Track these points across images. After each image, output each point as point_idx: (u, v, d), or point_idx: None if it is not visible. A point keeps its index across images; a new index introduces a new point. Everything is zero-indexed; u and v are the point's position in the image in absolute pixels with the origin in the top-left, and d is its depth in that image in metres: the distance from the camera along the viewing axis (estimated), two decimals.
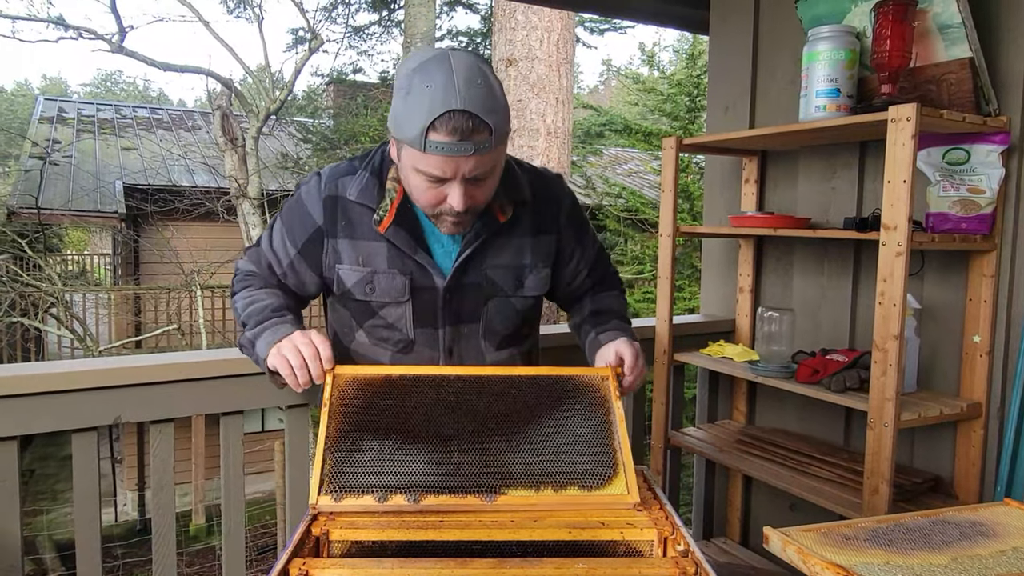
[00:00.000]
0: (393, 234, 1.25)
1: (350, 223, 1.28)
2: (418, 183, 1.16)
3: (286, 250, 1.34)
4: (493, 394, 1.16)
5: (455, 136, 1.06)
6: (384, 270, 1.27)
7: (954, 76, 1.67)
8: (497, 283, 1.32)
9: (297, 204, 1.32)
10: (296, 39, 11.13)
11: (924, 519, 1.10)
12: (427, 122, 1.06)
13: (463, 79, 1.06)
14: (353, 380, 1.17)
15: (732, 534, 2.44)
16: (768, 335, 1.96)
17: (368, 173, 1.28)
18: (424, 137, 1.07)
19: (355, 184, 1.28)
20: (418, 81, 1.07)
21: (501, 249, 1.31)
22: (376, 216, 1.25)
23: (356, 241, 1.27)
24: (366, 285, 1.28)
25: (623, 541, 1.00)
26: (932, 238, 1.63)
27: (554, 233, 1.37)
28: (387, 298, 1.29)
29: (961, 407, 1.71)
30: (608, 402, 1.18)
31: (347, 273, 1.29)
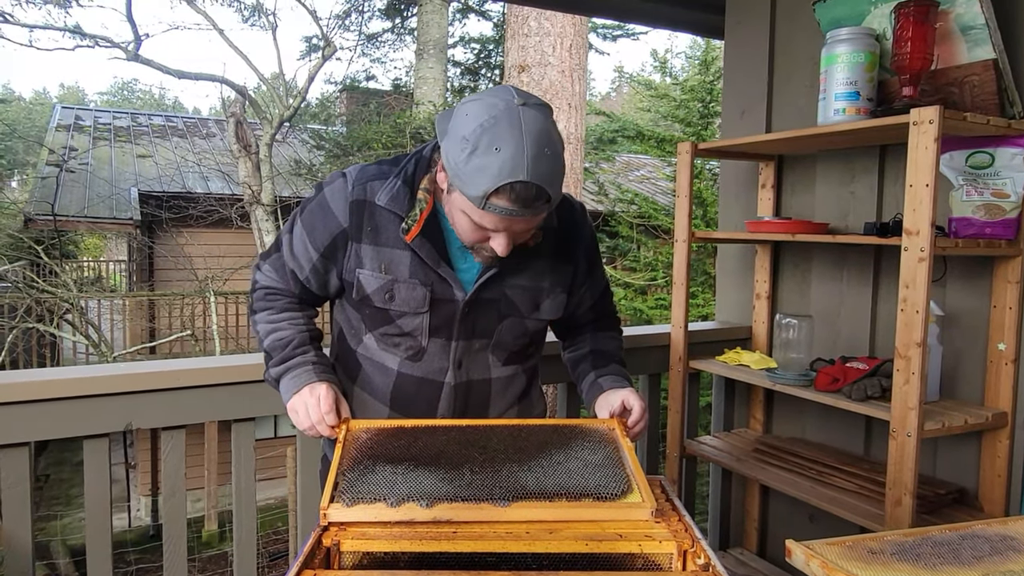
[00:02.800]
0: (419, 245, 1.24)
1: (376, 229, 1.26)
2: (465, 225, 1.16)
3: (308, 254, 1.31)
4: (502, 437, 1.20)
5: (516, 204, 1.08)
6: (405, 279, 1.26)
7: (977, 78, 1.64)
8: (515, 303, 1.32)
9: (320, 206, 1.29)
10: (310, 47, 11.20)
11: (952, 533, 1.07)
12: (492, 188, 1.06)
13: (532, 148, 1.06)
14: (366, 429, 1.23)
15: (749, 544, 2.40)
16: (786, 342, 1.92)
17: (400, 180, 1.26)
18: (485, 199, 1.08)
19: (386, 190, 1.26)
20: (486, 142, 1.06)
21: (522, 269, 1.31)
22: (404, 225, 1.23)
23: (380, 248, 1.26)
24: (386, 293, 1.27)
25: (641, 554, 0.98)
26: (955, 243, 1.60)
27: (572, 263, 1.38)
28: (406, 308, 1.28)
29: (986, 416, 1.67)
30: (616, 442, 1.21)
31: (368, 279, 1.27)
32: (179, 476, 1.63)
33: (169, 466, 1.62)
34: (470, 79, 10.81)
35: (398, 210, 1.25)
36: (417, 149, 1.31)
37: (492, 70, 10.52)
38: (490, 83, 10.62)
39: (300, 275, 1.33)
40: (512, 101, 1.09)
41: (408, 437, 1.18)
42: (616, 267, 8.91)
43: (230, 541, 6.09)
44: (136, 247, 9.23)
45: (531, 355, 1.47)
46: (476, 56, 10.73)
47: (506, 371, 1.40)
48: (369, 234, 1.26)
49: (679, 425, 2.20)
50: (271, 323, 1.35)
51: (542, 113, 1.11)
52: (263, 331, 1.35)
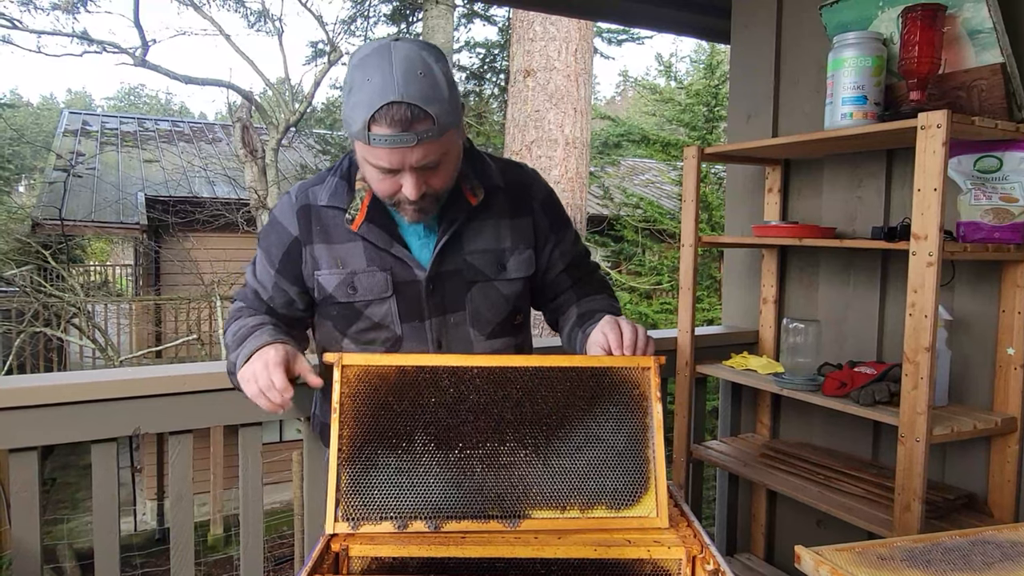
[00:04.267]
0: (367, 231, 1.27)
1: (324, 228, 1.29)
2: (372, 175, 1.18)
3: (268, 272, 1.34)
4: (521, 392, 1.06)
5: (396, 128, 1.08)
6: (363, 269, 1.28)
7: (985, 82, 1.64)
8: (478, 267, 1.31)
9: (271, 225, 1.34)
10: (315, 52, 11.23)
11: (963, 539, 1.06)
12: (368, 116, 1.08)
13: (401, 71, 1.08)
14: (364, 374, 1.05)
15: (756, 550, 2.39)
16: (793, 347, 1.92)
17: (337, 178, 1.31)
18: (367, 131, 1.10)
19: (325, 190, 1.30)
20: (359, 76, 1.10)
21: (478, 233, 1.32)
22: (348, 215, 1.27)
23: (332, 245, 1.29)
24: (347, 287, 1.28)
25: (650, 560, 0.97)
26: (964, 248, 1.59)
27: (528, 215, 1.37)
28: (370, 295, 1.28)
29: (995, 422, 1.66)
30: (647, 401, 1.08)
31: (326, 278, 1.29)
32: (186, 480, 1.63)
33: (176, 470, 1.62)
34: (475, 83, 10.83)
35: (340, 204, 1.29)
36: (350, 150, 1.32)
37: (497, 74, 10.54)
38: (495, 88, 10.64)
39: (263, 295, 1.36)
40: (384, 40, 1.14)
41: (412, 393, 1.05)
42: (621, 271, 8.90)
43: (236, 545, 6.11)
44: (143, 251, 9.27)
45: (518, 326, 1.42)
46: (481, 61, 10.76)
47: (492, 345, 1.36)
48: (319, 234, 1.29)
49: (686, 429, 2.19)
50: (234, 325, 1.34)
51: (417, 44, 1.13)
52: (228, 335, 1.33)
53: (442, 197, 1.24)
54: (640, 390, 1.08)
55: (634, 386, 1.08)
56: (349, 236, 1.28)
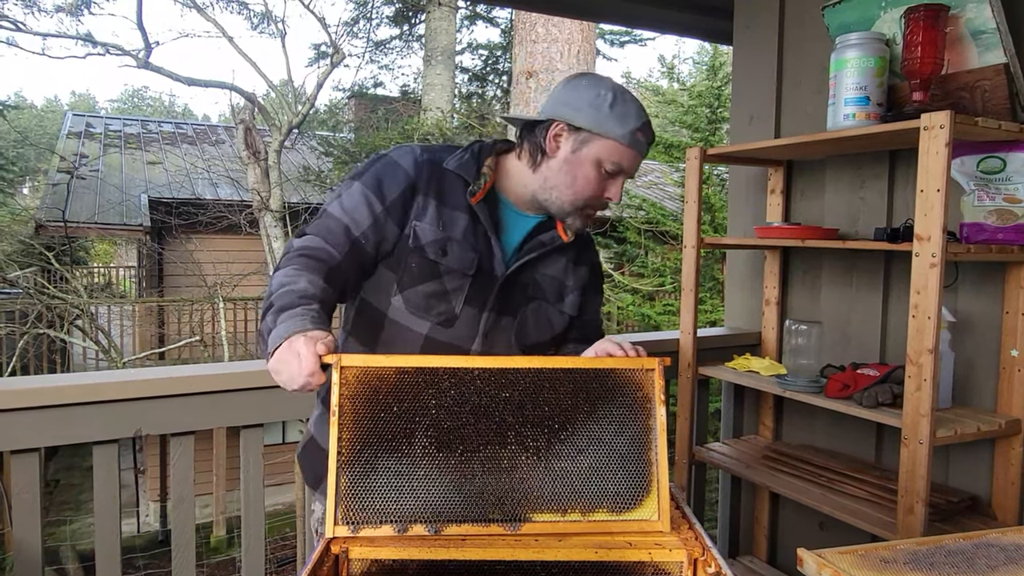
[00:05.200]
0: (480, 209, 1.33)
1: (441, 188, 1.33)
2: (591, 175, 1.31)
3: (371, 208, 1.30)
4: (522, 394, 1.04)
5: (647, 139, 1.32)
6: (459, 239, 1.32)
7: (988, 83, 1.63)
8: (543, 288, 1.40)
9: (387, 165, 1.33)
10: (318, 54, 11.25)
11: (966, 542, 1.05)
12: (638, 125, 1.30)
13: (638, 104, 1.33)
14: (364, 375, 1.03)
15: (759, 552, 2.39)
16: (796, 348, 1.91)
17: (468, 154, 1.36)
18: (634, 135, 1.29)
19: (455, 158, 1.36)
20: (620, 96, 1.30)
21: (553, 263, 1.41)
22: (472, 188, 1.33)
23: (442, 207, 1.32)
24: (440, 247, 1.31)
25: (651, 562, 0.97)
26: (967, 249, 1.58)
27: (587, 267, 1.48)
28: (456, 265, 1.31)
29: (999, 424, 1.65)
30: (651, 403, 1.06)
31: (425, 230, 1.31)
32: (188, 482, 1.63)
33: (178, 472, 1.62)
34: (478, 85, 10.84)
35: (466, 175, 1.33)
36: (475, 140, 1.42)
37: (500, 76, 10.55)
38: (498, 89, 10.64)
39: (356, 230, 1.29)
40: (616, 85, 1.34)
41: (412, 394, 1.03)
42: (624, 273, 8.90)
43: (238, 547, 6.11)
44: (146, 253, 9.28)
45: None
46: (484, 62, 10.76)
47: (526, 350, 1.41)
48: (435, 191, 1.33)
49: (688, 431, 2.19)
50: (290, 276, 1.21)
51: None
52: (276, 282, 1.21)
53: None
54: (644, 392, 1.06)
55: (637, 388, 1.06)
56: (461, 205, 1.33)
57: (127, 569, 3.36)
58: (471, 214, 1.33)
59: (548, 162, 1.33)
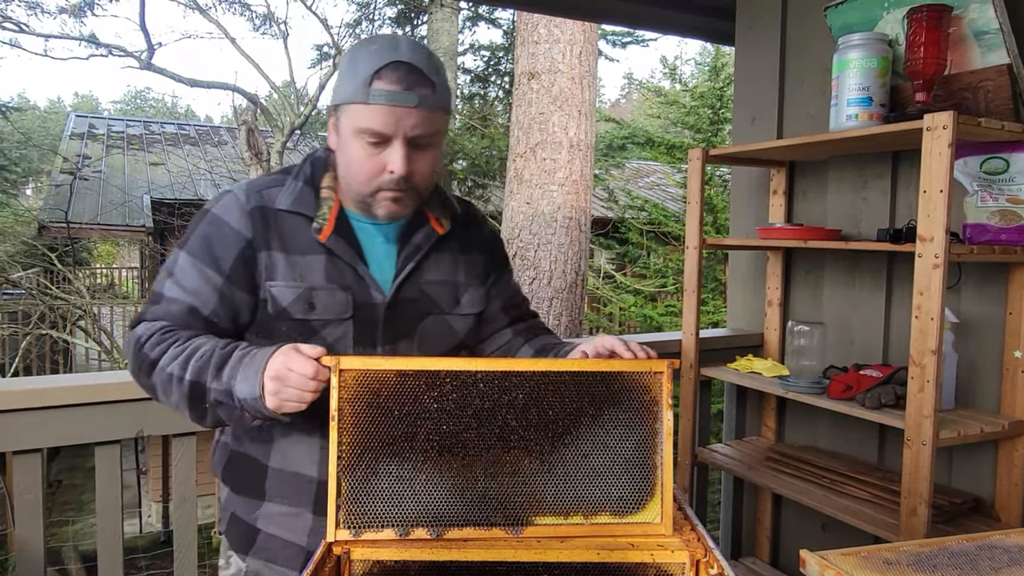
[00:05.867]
0: (334, 244, 1.16)
1: (283, 235, 1.16)
2: (358, 150, 1.10)
3: (210, 281, 1.14)
4: (527, 397, 1.01)
5: (399, 85, 1.06)
6: (323, 285, 1.16)
7: (991, 83, 1.63)
8: (434, 299, 1.25)
9: (212, 225, 1.16)
10: (321, 55, 11.26)
11: (970, 543, 1.05)
12: (371, 71, 1.06)
13: (405, 43, 1.10)
14: (363, 378, 1.00)
15: (761, 554, 2.38)
16: (798, 349, 1.91)
17: (299, 182, 1.19)
18: (368, 86, 1.05)
19: (285, 194, 1.18)
20: (362, 45, 1.11)
21: (437, 264, 1.26)
22: (316, 224, 1.16)
23: (291, 255, 1.16)
24: (305, 302, 1.15)
25: (654, 563, 0.97)
26: (970, 250, 1.58)
27: (481, 253, 1.34)
28: (329, 315, 1.16)
29: (1002, 425, 1.65)
30: (658, 407, 1.03)
31: (282, 291, 1.15)
32: (190, 483, 1.63)
33: (180, 473, 1.62)
34: (480, 86, 10.84)
35: (305, 211, 1.17)
36: (309, 153, 1.24)
37: (502, 77, 10.55)
38: (500, 90, 10.64)
39: (204, 310, 1.14)
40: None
41: (413, 398, 1.01)
42: (626, 274, 8.89)
43: None
44: (148, 254, 9.30)
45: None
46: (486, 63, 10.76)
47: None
48: (277, 241, 1.16)
49: (690, 433, 2.18)
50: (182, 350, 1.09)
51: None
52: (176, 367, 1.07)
53: (422, 191, 1.16)
54: (651, 395, 1.04)
55: (645, 391, 1.04)
56: (312, 247, 1.16)
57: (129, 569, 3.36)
58: (327, 251, 1.16)
59: (336, 160, 1.17)
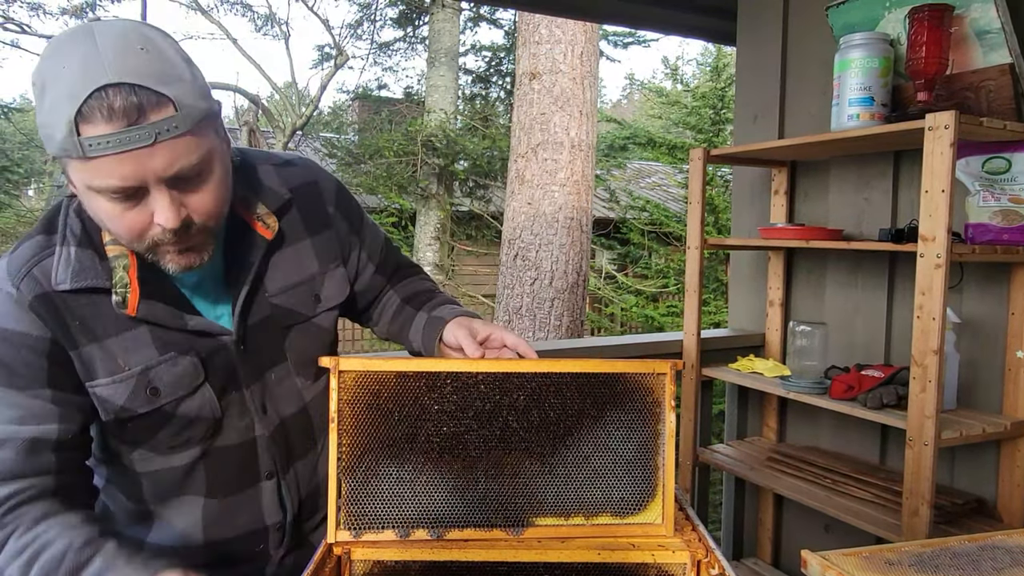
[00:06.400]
0: (148, 311, 0.92)
1: (83, 322, 0.90)
2: (107, 208, 0.83)
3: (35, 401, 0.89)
4: (527, 398, 1.01)
5: (118, 122, 0.76)
6: (157, 360, 0.94)
7: (993, 83, 1.62)
8: (290, 308, 1.06)
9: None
10: (322, 56, 11.28)
11: (972, 544, 1.05)
12: (74, 111, 0.75)
13: (112, 48, 0.77)
14: (363, 379, 0.98)
15: (763, 554, 2.38)
16: (800, 350, 1.91)
17: (72, 246, 0.91)
18: (75, 136, 0.76)
19: (61, 267, 0.89)
20: (51, 67, 0.77)
21: (278, 269, 1.04)
22: (116, 297, 0.90)
23: (103, 342, 0.91)
24: (145, 390, 0.93)
25: (654, 564, 0.96)
26: (972, 250, 1.58)
27: (329, 227, 1.11)
28: (180, 390, 0.95)
29: (1005, 425, 1.64)
30: (660, 408, 1.02)
31: (110, 389, 0.92)
32: None
33: None
34: (481, 87, 10.85)
35: (95, 283, 0.90)
36: (58, 205, 0.95)
37: (503, 78, 10.56)
38: (501, 91, 10.65)
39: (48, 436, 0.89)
40: (86, 23, 0.81)
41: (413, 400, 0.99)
42: (627, 274, 8.89)
43: None
44: None
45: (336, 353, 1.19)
46: (487, 64, 10.78)
47: (320, 385, 1.11)
48: (81, 332, 0.90)
49: (692, 433, 2.18)
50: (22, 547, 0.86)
51: (128, 21, 0.82)
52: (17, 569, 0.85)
53: (214, 228, 0.90)
54: (654, 396, 1.03)
55: (647, 392, 1.03)
56: (125, 324, 0.92)
57: None
58: (144, 321, 0.93)
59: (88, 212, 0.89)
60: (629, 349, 2.21)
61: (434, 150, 8.23)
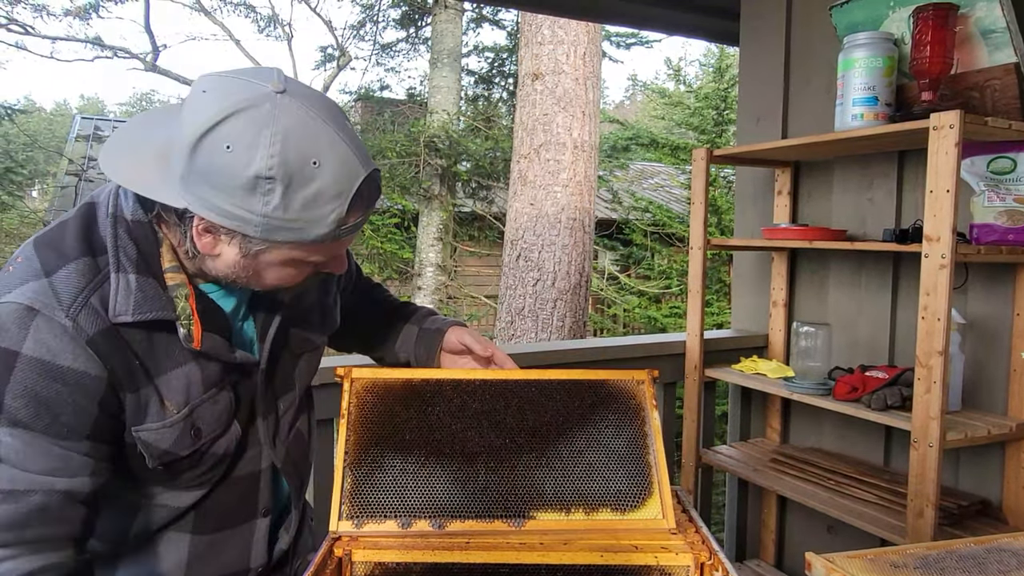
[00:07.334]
0: (209, 345, 0.88)
1: (142, 360, 0.85)
2: (291, 272, 0.87)
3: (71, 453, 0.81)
4: (521, 401, 1.09)
5: (367, 208, 0.83)
6: (199, 398, 0.90)
7: (998, 82, 1.61)
8: (303, 336, 1.05)
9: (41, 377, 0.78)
10: (325, 56, 11.30)
11: (977, 546, 1.04)
12: (344, 211, 0.79)
13: (346, 133, 0.80)
14: (372, 385, 1.06)
15: (766, 556, 2.37)
16: (803, 350, 1.90)
17: (132, 274, 0.83)
18: (339, 228, 0.81)
19: (120, 297, 0.82)
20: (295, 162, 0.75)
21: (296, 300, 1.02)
22: (182, 331, 0.85)
23: (157, 381, 0.86)
24: (190, 432, 0.89)
25: (657, 566, 0.96)
26: (977, 250, 1.57)
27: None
28: (218, 428, 0.92)
29: (1010, 427, 1.63)
30: (644, 411, 1.11)
31: (158, 435, 0.87)
32: None
33: None
34: (484, 88, 10.85)
35: (161, 314, 0.84)
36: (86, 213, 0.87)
37: (506, 78, 10.56)
38: (504, 92, 10.64)
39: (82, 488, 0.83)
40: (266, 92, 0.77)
41: (418, 403, 1.06)
42: (630, 275, 8.88)
43: None
44: None
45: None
46: (490, 65, 10.78)
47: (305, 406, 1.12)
48: (140, 371, 0.85)
49: (695, 434, 2.17)
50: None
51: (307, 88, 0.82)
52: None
53: None
54: (636, 401, 1.11)
55: (630, 397, 1.12)
56: (179, 359, 0.88)
57: None
58: (196, 355, 0.89)
59: (211, 261, 0.86)
60: (632, 350, 2.20)
61: (437, 151, 8.23)
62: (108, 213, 0.86)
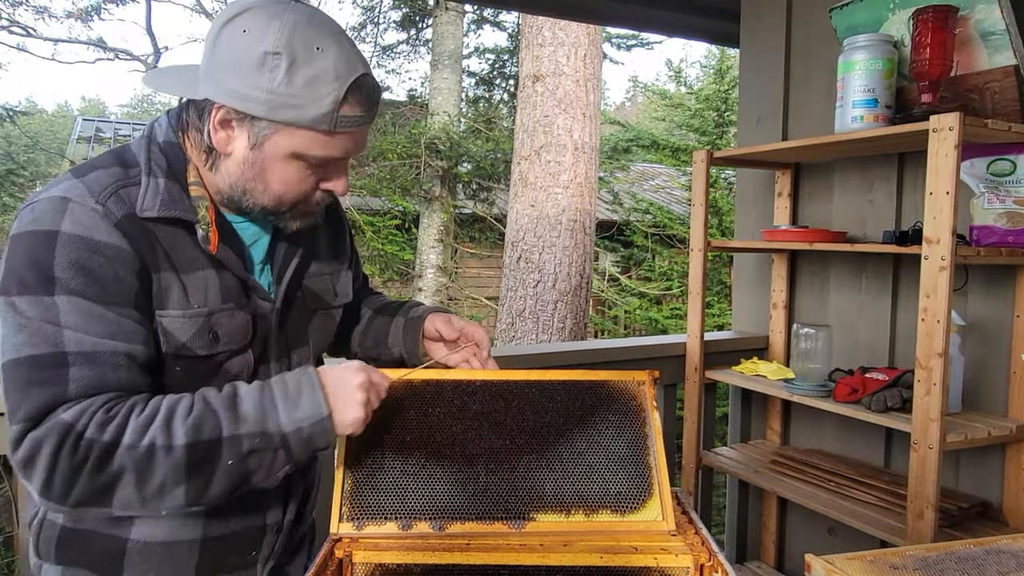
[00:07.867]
0: (224, 254, 0.94)
1: (166, 250, 0.91)
2: (292, 173, 0.92)
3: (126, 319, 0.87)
4: (522, 402, 1.09)
5: (367, 106, 0.90)
6: (220, 308, 0.94)
7: (998, 84, 1.62)
8: (317, 293, 1.10)
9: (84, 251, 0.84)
10: None
11: (977, 548, 1.04)
12: (341, 94, 0.87)
13: (348, 41, 0.90)
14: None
15: (767, 558, 2.37)
16: (804, 352, 1.90)
17: (161, 179, 0.92)
18: (336, 112, 0.87)
19: (149, 195, 0.90)
20: (301, 45, 0.85)
21: (313, 254, 1.09)
22: (200, 232, 0.92)
23: (181, 274, 0.92)
24: (208, 333, 0.93)
25: (657, 568, 0.96)
26: (977, 252, 1.57)
27: (342, 235, 1.19)
28: (234, 344, 0.96)
29: (1010, 428, 1.63)
30: (644, 412, 1.10)
31: (177, 323, 0.91)
32: None
33: None
34: (485, 89, 10.86)
35: (182, 215, 0.91)
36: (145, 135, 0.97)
37: (507, 80, 10.56)
38: (505, 93, 10.65)
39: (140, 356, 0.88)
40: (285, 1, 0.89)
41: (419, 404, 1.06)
42: (631, 276, 8.88)
43: None
44: None
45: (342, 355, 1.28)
46: (491, 66, 10.78)
47: None
48: (164, 259, 0.90)
49: (695, 436, 2.17)
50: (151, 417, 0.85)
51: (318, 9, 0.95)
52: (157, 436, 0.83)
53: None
54: (637, 402, 1.11)
55: (630, 398, 1.11)
56: (199, 262, 0.93)
57: None
58: (216, 264, 0.95)
59: (224, 162, 0.93)
60: (632, 351, 2.20)
61: (437, 152, 8.23)
62: (143, 137, 0.96)
